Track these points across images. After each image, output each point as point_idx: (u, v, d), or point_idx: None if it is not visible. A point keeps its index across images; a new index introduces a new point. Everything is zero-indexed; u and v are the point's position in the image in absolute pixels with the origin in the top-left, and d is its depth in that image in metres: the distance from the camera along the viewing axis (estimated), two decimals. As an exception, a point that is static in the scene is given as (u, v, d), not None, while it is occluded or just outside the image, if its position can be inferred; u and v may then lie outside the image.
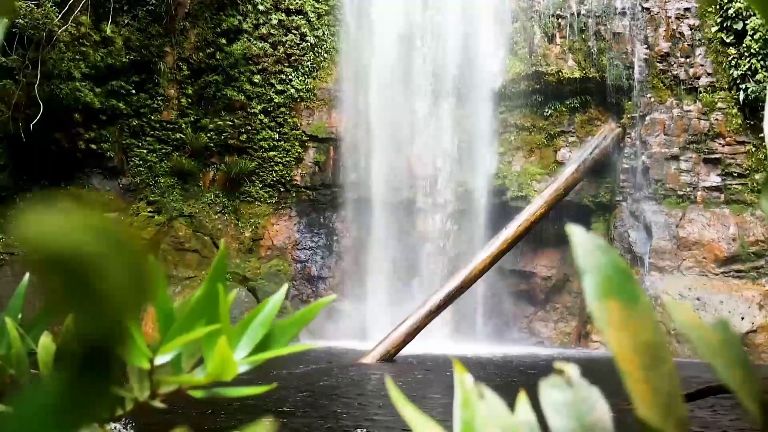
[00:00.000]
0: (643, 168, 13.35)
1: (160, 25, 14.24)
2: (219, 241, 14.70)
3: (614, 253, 0.38)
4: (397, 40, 14.37)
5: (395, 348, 10.97)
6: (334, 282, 15.15)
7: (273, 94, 14.99)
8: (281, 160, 15.09)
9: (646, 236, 13.10)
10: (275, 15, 14.97)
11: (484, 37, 14.08)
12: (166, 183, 14.63)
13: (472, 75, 14.22)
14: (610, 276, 0.37)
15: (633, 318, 0.35)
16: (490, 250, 12.37)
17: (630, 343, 0.34)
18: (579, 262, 0.37)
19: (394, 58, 14.37)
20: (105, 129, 13.89)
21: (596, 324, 0.37)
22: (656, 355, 0.34)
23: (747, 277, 12.38)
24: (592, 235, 0.38)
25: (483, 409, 0.40)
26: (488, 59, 14.11)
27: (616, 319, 0.35)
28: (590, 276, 0.37)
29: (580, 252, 0.37)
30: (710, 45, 13.11)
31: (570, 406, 0.38)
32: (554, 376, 0.39)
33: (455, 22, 14.19)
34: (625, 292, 0.36)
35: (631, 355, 0.34)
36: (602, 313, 0.36)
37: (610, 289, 0.37)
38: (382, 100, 14.38)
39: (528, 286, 14.73)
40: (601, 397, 0.38)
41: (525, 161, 14.37)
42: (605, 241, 0.39)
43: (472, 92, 14.27)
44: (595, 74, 13.76)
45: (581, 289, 0.38)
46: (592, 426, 0.37)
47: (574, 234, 0.38)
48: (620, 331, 0.35)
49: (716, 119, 12.95)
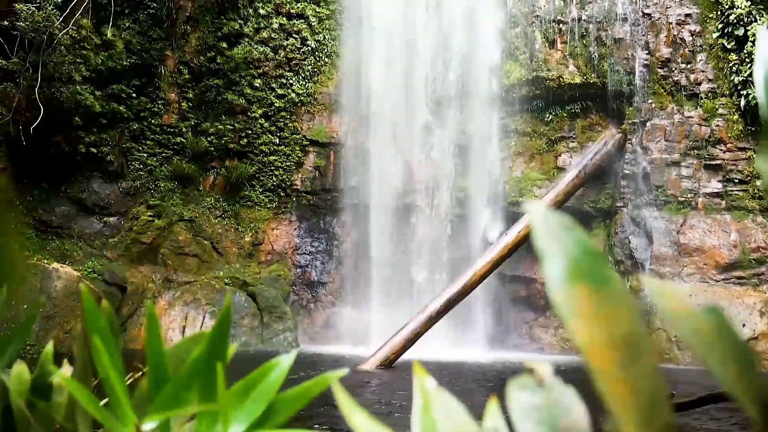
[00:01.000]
0: (643, 174, 13.30)
1: (161, 29, 14.23)
2: (219, 245, 14.68)
3: (581, 232, 0.33)
4: (398, 45, 14.35)
5: (395, 354, 10.91)
6: (333, 287, 15.10)
7: (274, 98, 14.97)
8: (282, 164, 15.06)
9: (647, 242, 13.04)
10: (276, 19, 14.96)
11: (485, 42, 14.05)
12: (166, 187, 14.59)
13: (472, 80, 14.19)
14: (576, 257, 0.31)
15: (606, 306, 0.30)
16: (491, 256, 12.32)
17: (603, 335, 0.29)
18: (540, 243, 0.32)
19: (395, 62, 14.35)
20: (105, 132, 13.86)
21: (560, 314, 0.31)
22: (635, 349, 0.29)
23: (748, 283, 12.31)
24: (555, 212, 0.34)
25: (443, 417, 0.35)
26: (489, 64, 14.08)
27: (586, 306, 0.30)
28: (554, 258, 0.31)
29: (541, 232, 0.32)
30: (711, 51, 13.08)
31: (541, 409, 0.33)
32: (524, 376, 0.35)
33: (456, 27, 14.17)
34: (596, 276, 0.31)
35: (604, 350, 0.29)
36: (568, 300, 0.30)
37: (578, 272, 0.32)
38: (383, 104, 14.36)
39: (528, 292, 14.66)
40: (577, 398, 0.34)
41: (526, 167, 14.32)
42: (569, 219, 0.34)
43: (473, 97, 14.24)
44: (596, 80, 13.73)
45: None
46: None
47: (532, 211, 0.34)
48: (590, 321, 0.29)
49: (717, 125, 12.91)
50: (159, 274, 13.83)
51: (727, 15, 12.69)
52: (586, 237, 0.32)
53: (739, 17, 12.52)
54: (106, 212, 14.12)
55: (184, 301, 13.15)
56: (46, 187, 13.67)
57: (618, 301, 0.30)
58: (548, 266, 0.31)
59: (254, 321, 13.18)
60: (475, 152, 14.31)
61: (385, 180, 14.45)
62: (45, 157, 13.16)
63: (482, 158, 14.31)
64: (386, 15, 14.31)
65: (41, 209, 13.55)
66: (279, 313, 13.50)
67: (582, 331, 0.29)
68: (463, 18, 14.14)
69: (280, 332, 13.27)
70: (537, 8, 14.06)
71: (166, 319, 12.86)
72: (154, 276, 13.72)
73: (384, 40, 14.35)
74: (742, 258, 12.39)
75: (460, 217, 14.41)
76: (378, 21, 14.36)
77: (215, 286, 13.52)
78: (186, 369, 0.56)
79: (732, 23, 12.63)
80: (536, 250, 0.32)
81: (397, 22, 14.32)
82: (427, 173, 14.53)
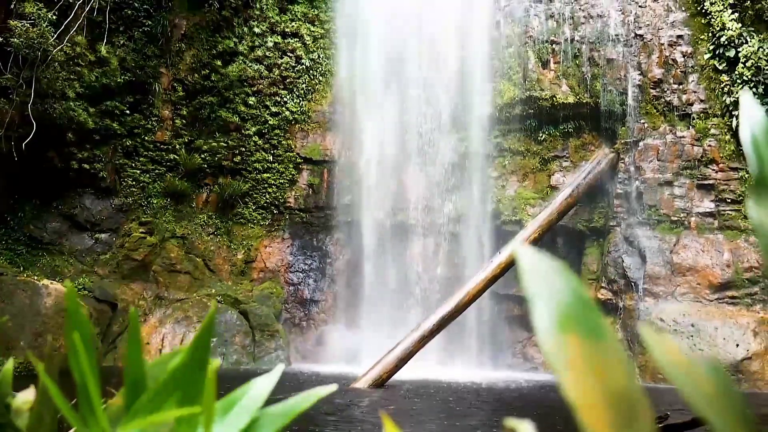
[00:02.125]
0: (636, 193, 13.34)
1: (155, 46, 14.26)
2: (211, 262, 14.60)
3: (573, 278, 0.30)
4: (392, 64, 14.42)
5: (387, 373, 10.83)
6: (326, 305, 15.02)
7: (267, 115, 14.98)
8: (275, 182, 15.04)
9: (641, 262, 13.04)
10: (271, 38, 15.02)
11: (479, 62, 14.13)
12: (159, 204, 14.54)
13: (466, 99, 14.25)
14: (568, 305, 0.29)
15: (599, 359, 0.27)
16: (484, 275, 12.29)
17: (596, 391, 0.26)
18: (529, 288, 0.30)
19: (389, 81, 14.41)
20: (98, 149, 13.82)
21: (551, 363, 0.28)
22: (631, 408, 0.26)
23: (741, 303, 12.31)
24: (545, 255, 0.31)
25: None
26: (482, 83, 14.15)
27: (578, 359, 0.28)
28: (543, 305, 0.29)
29: (530, 276, 0.30)
30: (703, 72, 13.19)
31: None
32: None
33: (450, 46, 14.25)
34: (588, 326, 0.28)
35: (598, 408, 0.26)
36: (558, 351, 0.28)
37: (569, 321, 0.29)
38: (377, 123, 14.39)
39: (522, 311, 14.61)
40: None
41: (519, 185, 14.35)
42: (562, 263, 0.31)
43: (466, 116, 14.29)
44: (589, 100, 13.81)
45: None
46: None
47: (521, 256, 0.31)
48: (583, 375, 0.26)
49: (709, 145, 12.98)
50: (150, 291, 13.73)
51: (718, 36, 12.82)
52: (578, 282, 0.29)
53: (730, 39, 12.64)
54: (98, 228, 14.04)
55: (175, 318, 13.04)
56: (38, 203, 13.60)
57: (612, 353, 0.28)
58: (537, 313, 0.28)
59: (246, 339, 13.08)
60: (468, 170, 14.33)
61: (378, 198, 14.45)
62: (37, 173, 13.11)
63: (475, 177, 14.33)
64: (380, 34, 14.39)
65: (33, 225, 13.46)
66: (271, 331, 13.41)
67: (574, 386, 0.26)
68: (456, 37, 14.24)
69: (272, 350, 13.17)
70: (530, 29, 14.17)
71: (156, 336, 12.74)
72: (145, 293, 13.62)
73: (378, 59, 14.41)
74: (735, 278, 12.40)
75: (453, 235, 14.39)
76: (372, 40, 14.43)
77: (207, 304, 13.42)
78: (165, 378, 0.53)
79: (723, 45, 12.75)
80: (526, 294, 0.30)
81: (390, 41, 14.40)
82: (421, 191, 14.53)
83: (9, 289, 10.92)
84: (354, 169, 14.73)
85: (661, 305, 12.57)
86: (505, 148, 14.42)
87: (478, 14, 14.19)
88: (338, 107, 14.94)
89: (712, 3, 12.99)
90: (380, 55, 14.41)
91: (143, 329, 12.92)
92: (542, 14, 14.16)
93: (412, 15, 14.40)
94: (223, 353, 12.63)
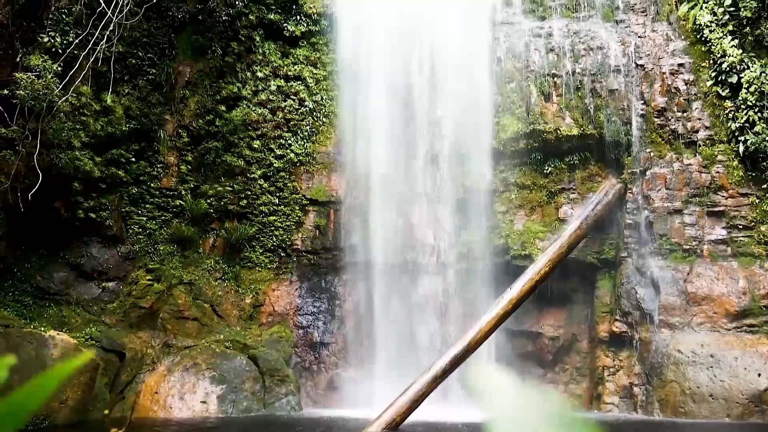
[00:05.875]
0: (646, 223, 13.19)
1: (160, 94, 14.40)
2: (219, 308, 14.45)
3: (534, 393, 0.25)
4: (396, 102, 14.49)
5: (400, 416, 10.58)
6: (336, 348, 14.79)
7: (272, 158, 15.02)
8: (281, 224, 14.99)
9: (654, 292, 12.82)
10: (274, 81, 15.16)
11: (481, 97, 14.19)
12: (166, 250, 14.48)
13: (470, 135, 14.26)
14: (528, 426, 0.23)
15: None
16: (496, 311, 12.11)
17: None
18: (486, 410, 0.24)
19: (393, 119, 14.47)
20: (104, 197, 13.84)
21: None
22: None
23: (761, 331, 12.04)
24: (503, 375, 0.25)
25: None
26: (486, 118, 14.18)
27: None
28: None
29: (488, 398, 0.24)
30: (706, 99, 13.17)
31: None
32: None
33: (452, 84, 14.33)
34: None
35: None
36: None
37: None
38: (382, 161, 14.39)
39: (535, 347, 14.35)
40: None
41: (527, 219, 14.24)
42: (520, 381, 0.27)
43: (471, 151, 14.29)
44: (593, 131, 13.78)
45: (590, 349, 0.25)
46: None
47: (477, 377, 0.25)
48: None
49: (717, 172, 12.88)
50: (158, 339, 13.57)
51: (720, 63, 12.84)
52: (539, 398, 0.25)
53: (731, 65, 12.66)
54: (105, 277, 13.96)
55: (183, 366, 12.84)
56: (44, 253, 13.55)
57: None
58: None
59: (256, 385, 12.84)
60: (475, 206, 14.25)
61: (386, 237, 14.36)
62: (44, 223, 13.10)
63: (483, 212, 14.24)
64: (382, 75, 14.50)
65: (39, 276, 13.39)
66: (281, 376, 13.17)
67: None
68: (458, 75, 14.33)
69: (283, 396, 12.91)
70: (531, 63, 14.25)
71: (165, 385, 12.53)
72: (153, 341, 13.45)
73: (381, 99, 14.50)
74: (752, 305, 12.15)
75: (462, 272, 14.24)
76: (374, 81, 14.54)
77: (216, 350, 13.23)
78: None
79: (725, 71, 12.76)
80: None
81: (393, 81, 14.50)
82: (428, 229, 14.44)
83: (15, 341, 10.79)
84: (360, 208, 14.68)
85: (678, 336, 12.30)
86: (511, 182, 14.36)
87: (479, 51, 14.31)
88: (342, 148, 14.97)
89: (711, 31, 13.05)
90: (383, 95, 14.50)
91: (151, 378, 12.72)
92: (542, 48, 14.26)
93: (413, 54, 14.54)
94: (233, 400, 12.38)
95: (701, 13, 13.20)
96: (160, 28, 14.29)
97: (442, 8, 14.45)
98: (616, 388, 12.89)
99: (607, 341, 13.26)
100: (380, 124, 14.45)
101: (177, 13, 14.31)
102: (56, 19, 12.20)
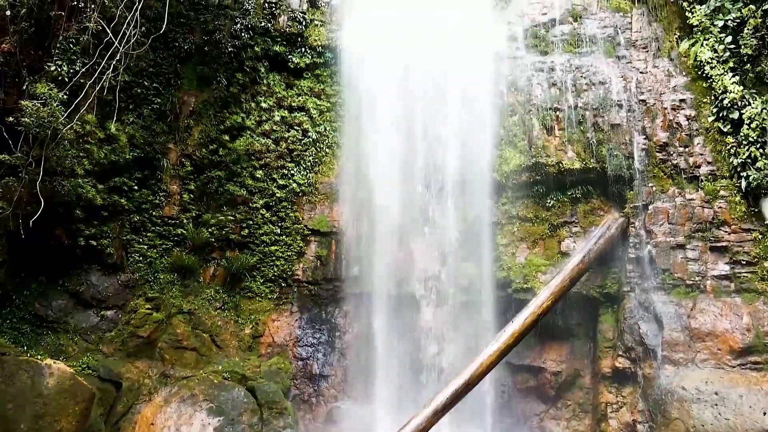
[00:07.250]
0: (649, 257, 13.14)
1: (164, 123, 14.49)
2: (218, 338, 14.31)
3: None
4: (398, 134, 14.56)
5: (400, 450, 10.40)
6: (336, 380, 14.63)
7: (275, 188, 15.05)
8: (283, 254, 14.95)
9: (658, 328, 12.70)
10: (278, 112, 15.27)
11: (484, 130, 14.26)
12: (166, 279, 14.41)
13: (472, 167, 14.30)
14: None
15: None
16: (497, 345, 12.00)
17: None
18: None
19: (395, 151, 14.51)
20: (106, 225, 13.82)
21: None
22: None
23: (765, 369, 11.88)
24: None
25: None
26: (488, 151, 14.23)
27: None
28: None
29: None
30: (708, 134, 13.23)
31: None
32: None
33: (454, 116, 14.41)
34: None
35: None
36: None
37: None
38: (383, 193, 14.41)
39: (537, 382, 14.18)
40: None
41: (529, 252, 14.19)
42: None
43: (474, 184, 14.31)
44: (596, 165, 13.82)
45: (593, 384, 0.25)
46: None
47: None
48: None
49: (720, 207, 12.87)
50: (156, 369, 13.41)
51: (721, 99, 12.92)
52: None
53: (732, 101, 12.73)
54: (104, 305, 13.86)
55: (180, 396, 12.67)
56: (43, 280, 13.48)
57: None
58: None
59: (253, 417, 12.66)
60: (477, 238, 14.22)
61: (387, 268, 14.30)
62: (44, 250, 13.05)
63: (484, 245, 14.21)
64: (385, 107, 14.60)
65: (38, 303, 13.30)
66: (279, 408, 12.99)
67: None
68: (461, 107, 14.41)
69: (281, 429, 12.72)
70: (533, 97, 14.36)
71: (161, 416, 12.35)
72: (150, 371, 13.30)
73: (383, 130, 14.57)
74: (756, 342, 12.03)
75: (464, 305, 14.14)
76: (377, 113, 14.64)
77: (214, 381, 13.07)
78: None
79: (726, 107, 12.84)
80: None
81: (395, 113, 14.59)
82: (430, 261, 14.38)
83: (11, 369, 10.67)
84: (362, 240, 14.65)
85: (681, 372, 12.15)
86: (513, 215, 14.35)
87: (482, 84, 14.42)
88: (345, 178, 15.00)
89: (712, 67, 13.16)
90: (385, 127, 14.58)
91: (148, 409, 12.54)
92: (544, 82, 14.37)
93: (416, 86, 14.64)
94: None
95: (702, 50, 13.32)
96: (166, 58, 14.43)
97: (445, 42, 14.60)
98: (620, 425, 12.69)
99: (610, 377, 13.10)
100: (382, 155, 14.50)
101: (183, 44, 14.47)
102: (64, 48, 12.32)
